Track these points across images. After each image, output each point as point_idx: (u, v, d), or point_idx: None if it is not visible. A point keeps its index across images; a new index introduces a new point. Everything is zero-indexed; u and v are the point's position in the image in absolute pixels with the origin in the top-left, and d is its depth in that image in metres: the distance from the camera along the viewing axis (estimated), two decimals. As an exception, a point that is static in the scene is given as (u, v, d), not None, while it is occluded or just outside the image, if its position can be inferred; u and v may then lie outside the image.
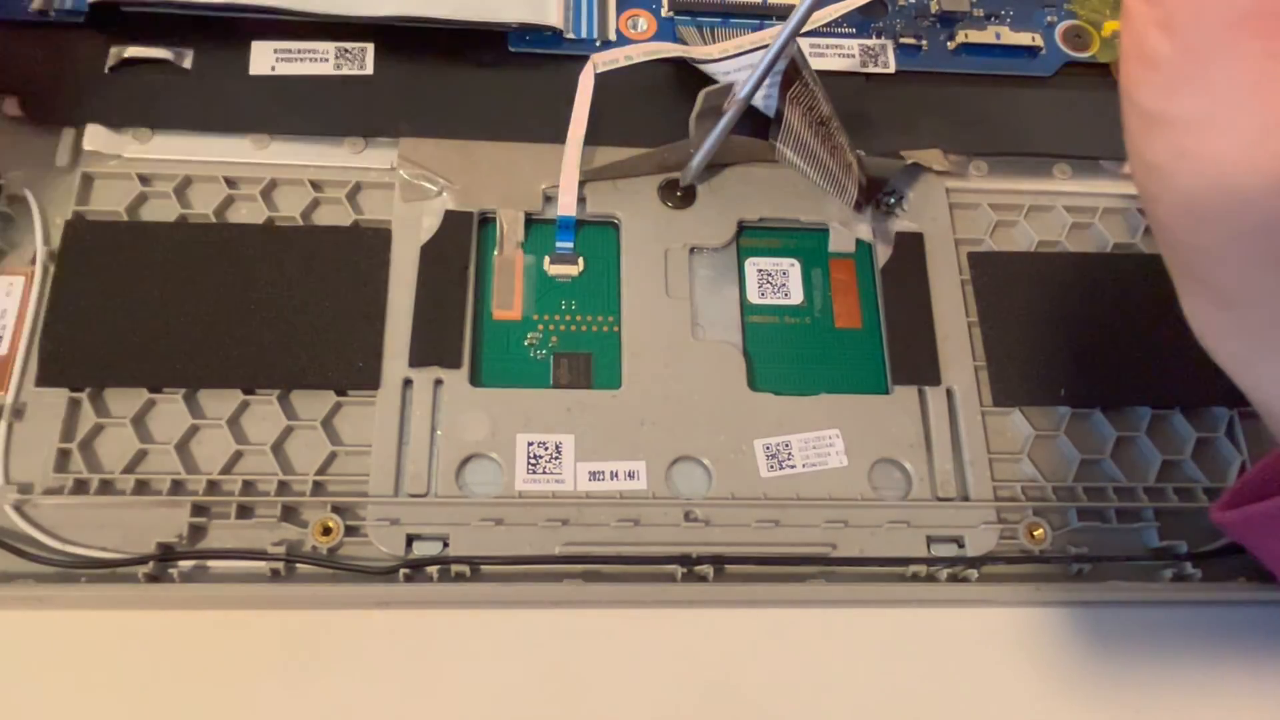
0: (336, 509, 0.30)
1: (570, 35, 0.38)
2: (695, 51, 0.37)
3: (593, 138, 0.35)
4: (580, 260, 0.35)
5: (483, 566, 0.30)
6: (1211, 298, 0.22)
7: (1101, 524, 0.32)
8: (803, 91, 0.34)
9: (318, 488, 0.31)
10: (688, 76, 0.37)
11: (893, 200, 0.36)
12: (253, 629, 0.29)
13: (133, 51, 0.36)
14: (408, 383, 0.32)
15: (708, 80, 0.37)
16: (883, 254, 0.36)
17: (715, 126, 0.34)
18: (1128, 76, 0.21)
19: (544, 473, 0.31)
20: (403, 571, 0.29)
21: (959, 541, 0.32)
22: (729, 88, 0.33)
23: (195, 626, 0.29)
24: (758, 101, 0.35)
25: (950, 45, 0.39)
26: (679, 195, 0.36)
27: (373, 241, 0.34)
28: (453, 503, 0.31)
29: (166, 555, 0.29)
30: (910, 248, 0.36)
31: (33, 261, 0.33)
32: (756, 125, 0.36)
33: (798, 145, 0.35)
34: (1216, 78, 0.19)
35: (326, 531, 0.30)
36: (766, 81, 0.33)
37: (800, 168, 0.36)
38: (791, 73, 0.34)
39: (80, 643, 0.29)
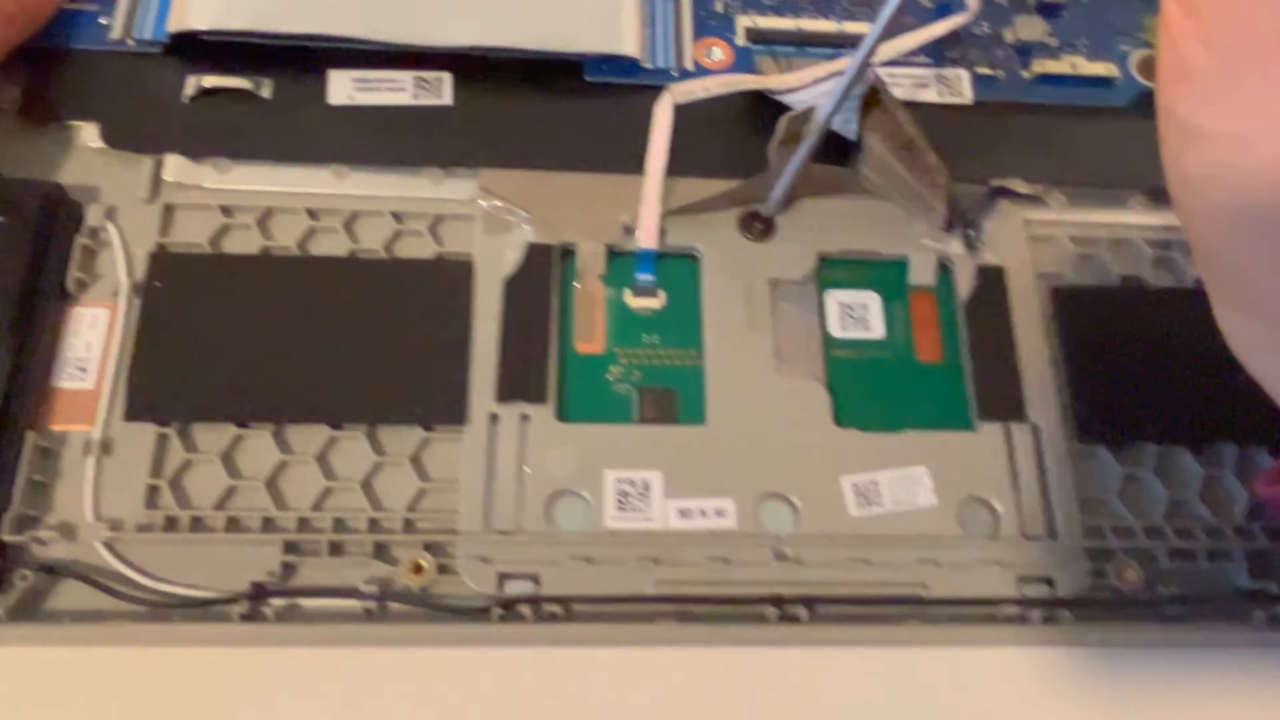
0: (427, 546, 0.30)
1: (647, 64, 0.38)
2: (772, 81, 0.37)
3: (671, 168, 0.35)
4: (661, 293, 0.35)
5: (575, 605, 0.30)
6: (1247, 311, 0.22)
7: (1192, 565, 0.32)
8: (883, 117, 0.34)
9: (408, 525, 0.31)
10: (766, 106, 0.37)
11: (971, 234, 0.36)
12: (349, 666, 0.29)
13: (211, 81, 0.36)
14: (494, 418, 0.32)
15: (786, 109, 0.36)
16: (964, 287, 0.35)
17: (795, 153, 0.34)
18: (1165, 90, 0.21)
19: (633, 510, 0.31)
20: (497, 611, 0.29)
21: (1049, 581, 0.31)
22: (809, 112, 0.33)
23: (291, 664, 0.29)
24: (837, 125, 0.35)
25: (1026, 75, 0.39)
26: (759, 228, 0.36)
27: (456, 274, 0.34)
28: (543, 540, 0.30)
29: (260, 593, 0.29)
30: (991, 281, 0.36)
31: (115, 294, 0.33)
32: (836, 156, 0.36)
33: (880, 169, 0.35)
34: (1256, 90, 0.19)
35: (418, 570, 0.30)
36: (845, 105, 0.33)
37: (884, 191, 0.36)
38: (870, 98, 0.34)
39: (174, 680, 0.29)
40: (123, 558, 0.29)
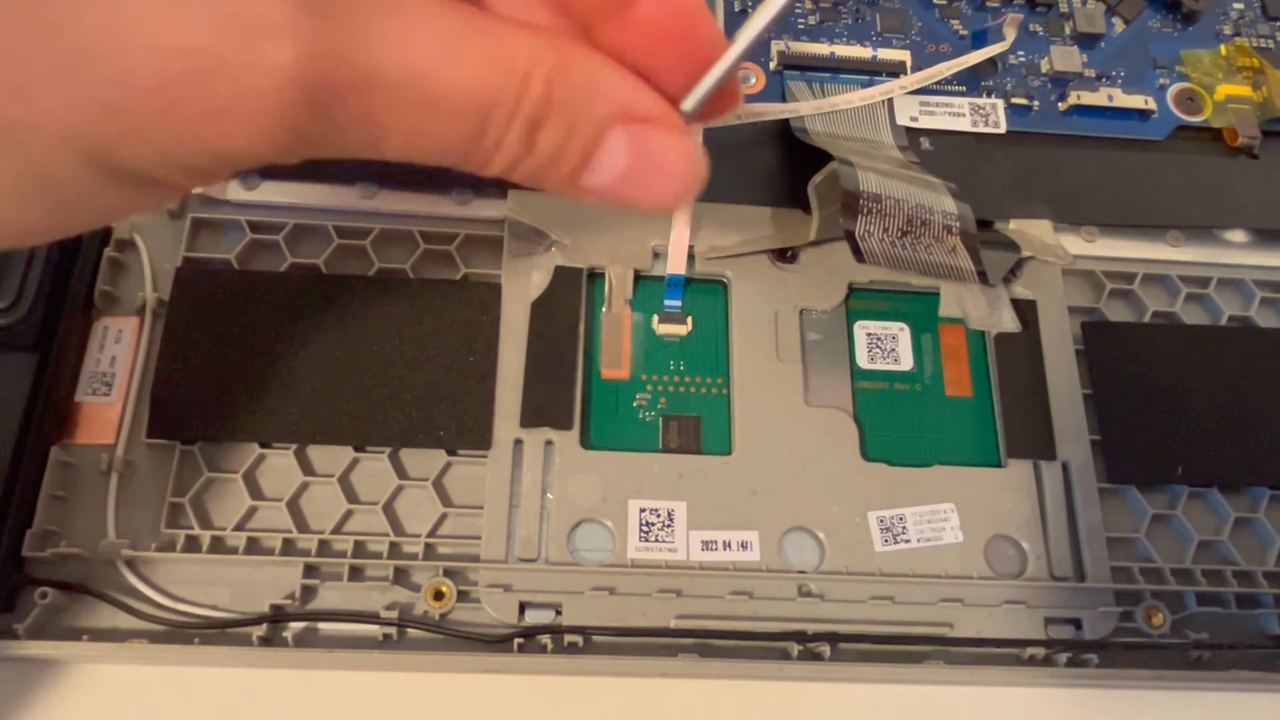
0: (448, 572, 0.30)
1: (679, 88, 0.37)
2: (803, 108, 0.37)
3: (702, 193, 0.35)
4: (689, 320, 0.35)
5: (595, 637, 0.30)
6: None
7: (1221, 609, 0.32)
8: (869, 219, 0.33)
9: (429, 549, 0.30)
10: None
11: (1012, 277, 0.36)
12: (367, 691, 0.29)
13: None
14: (518, 443, 0.32)
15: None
16: (995, 321, 0.35)
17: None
18: None
19: (656, 540, 0.31)
20: (517, 640, 0.29)
21: (1077, 623, 0.31)
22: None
23: (309, 687, 0.29)
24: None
25: (1061, 106, 0.38)
26: (790, 254, 0.35)
27: (483, 296, 0.33)
28: (565, 570, 0.30)
29: (279, 616, 0.29)
30: (1023, 315, 0.35)
31: (141, 308, 0.32)
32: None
33: (890, 261, 0.34)
34: None
35: (439, 596, 0.30)
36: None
37: (912, 270, 0.35)
38: (849, 204, 0.33)
39: (191, 702, 0.29)
40: (142, 576, 0.29)
